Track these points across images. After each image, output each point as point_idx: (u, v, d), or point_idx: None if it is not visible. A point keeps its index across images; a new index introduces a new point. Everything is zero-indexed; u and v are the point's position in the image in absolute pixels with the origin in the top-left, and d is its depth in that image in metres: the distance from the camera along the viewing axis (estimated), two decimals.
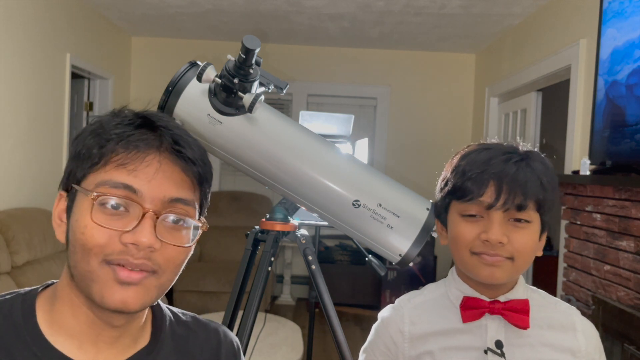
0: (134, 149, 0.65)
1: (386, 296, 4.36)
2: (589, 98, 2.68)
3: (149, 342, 0.74)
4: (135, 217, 0.64)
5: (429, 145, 4.72)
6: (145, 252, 0.64)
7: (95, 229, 0.63)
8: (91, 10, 3.84)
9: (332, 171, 1.19)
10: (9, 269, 2.63)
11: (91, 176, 0.66)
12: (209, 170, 0.72)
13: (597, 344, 0.94)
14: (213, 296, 3.95)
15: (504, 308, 0.88)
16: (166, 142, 0.67)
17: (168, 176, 0.66)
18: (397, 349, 0.95)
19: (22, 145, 3.06)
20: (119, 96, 4.42)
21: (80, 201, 0.65)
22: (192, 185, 0.70)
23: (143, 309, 0.68)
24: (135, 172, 0.64)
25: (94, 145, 0.66)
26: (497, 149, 0.89)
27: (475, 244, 0.86)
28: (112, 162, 0.65)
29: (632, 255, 2.11)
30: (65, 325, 0.68)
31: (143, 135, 0.66)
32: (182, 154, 0.68)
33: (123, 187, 0.64)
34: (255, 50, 1.04)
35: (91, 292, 0.64)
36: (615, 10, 2.33)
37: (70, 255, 0.66)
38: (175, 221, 0.67)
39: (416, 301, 0.97)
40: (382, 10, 3.60)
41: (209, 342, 0.80)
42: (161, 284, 0.67)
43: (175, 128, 0.69)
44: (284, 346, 2.69)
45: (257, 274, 1.34)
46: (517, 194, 0.83)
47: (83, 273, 0.64)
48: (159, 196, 0.65)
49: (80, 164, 0.67)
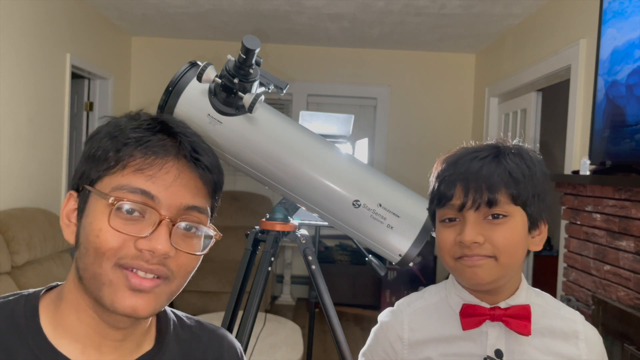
0: (152, 155, 0.65)
1: (386, 296, 4.35)
2: (589, 98, 2.67)
3: (153, 347, 0.73)
4: (151, 223, 0.64)
5: (429, 145, 4.71)
6: (160, 258, 0.64)
7: (110, 233, 0.62)
8: (91, 10, 3.84)
9: (332, 171, 1.19)
10: (9, 269, 2.63)
11: (107, 179, 0.65)
12: (222, 178, 0.73)
13: (600, 352, 0.91)
14: (213, 296, 3.95)
15: (504, 315, 0.86)
16: (184, 149, 0.67)
17: (185, 184, 0.66)
18: (396, 354, 0.94)
19: (22, 145, 3.06)
20: (119, 96, 4.42)
21: (94, 203, 0.65)
22: (207, 193, 0.70)
23: (152, 316, 0.68)
24: (154, 178, 0.64)
25: (111, 147, 0.65)
26: (467, 149, 0.88)
27: (454, 250, 0.85)
28: (130, 166, 0.64)
29: (632, 255, 2.11)
30: (69, 328, 0.67)
31: (161, 141, 0.66)
32: (200, 162, 0.68)
33: (141, 192, 0.63)
34: (255, 50, 1.04)
35: (101, 296, 0.63)
36: (615, 10, 2.33)
37: (81, 257, 0.65)
38: (188, 228, 0.67)
39: (416, 306, 0.96)
40: (382, 10, 3.60)
41: (212, 347, 0.80)
42: (171, 290, 0.67)
43: (193, 135, 0.69)
44: (284, 346, 2.69)
45: (257, 274, 1.34)
46: (483, 190, 0.82)
47: (94, 276, 0.63)
48: (175, 203, 0.65)
49: (95, 166, 0.66)
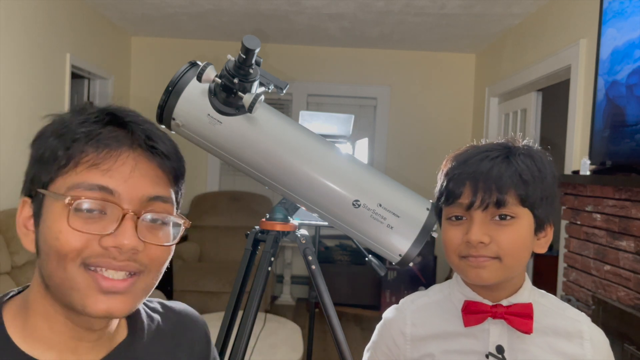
0: (105, 148, 0.61)
1: (386, 296, 4.35)
2: (589, 98, 2.67)
3: (127, 336, 0.71)
4: (114, 219, 0.61)
5: (429, 145, 4.71)
6: (128, 254, 0.61)
7: (71, 233, 0.59)
8: (91, 10, 3.84)
9: (332, 171, 1.19)
10: (9, 269, 2.63)
11: (60, 179, 0.62)
12: (183, 165, 0.69)
13: (607, 353, 0.90)
14: (213, 296, 3.95)
15: (506, 312, 0.86)
16: (139, 138, 0.64)
17: (144, 174, 0.63)
18: (399, 350, 0.94)
19: (22, 145, 3.05)
20: (119, 96, 4.42)
21: (50, 206, 0.61)
22: (169, 181, 0.67)
23: (130, 314, 0.65)
24: (110, 172, 0.61)
25: (59, 146, 0.62)
26: (478, 148, 0.88)
27: (461, 248, 0.85)
28: (83, 163, 0.61)
29: (632, 255, 2.11)
30: (42, 338, 0.64)
31: (113, 132, 0.63)
32: (156, 149, 0.65)
33: (98, 188, 0.60)
34: (255, 50, 1.04)
35: (71, 301, 0.60)
36: (615, 10, 2.33)
37: (43, 264, 0.62)
38: (154, 220, 0.64)
39: (419, 303, 0.97)
40: (382, 10, 3.60)
41: (181, 325, 0.79)
42: (147, 284, 0.64)
43: (145, 123, 0.66)
44: (284, 346, 2.69)
45: (257, 274, 1.34)
46: (493, 191, 0.81)
47: (60, 282, 0.60)
48: (137, 195, 0.62)
49: (44, 168, 0.62)
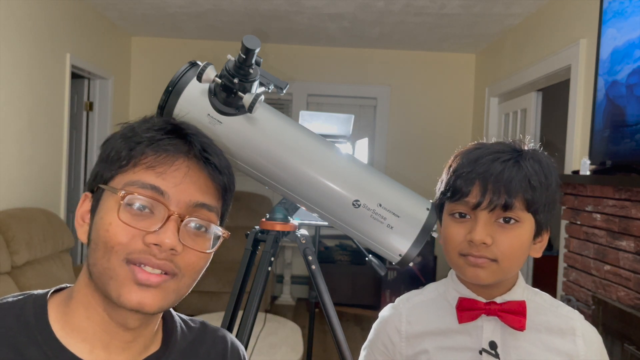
0: (163, 153, 0.66)
1: (386, 296, 4.36)
2: (589, 98, 2.67)
3: (159, 348, 0.74)
4: (160, 218, 0.65)
5: (429, 145, 4.72)
6: (167, 253, 0.64)
7: (119, 226, 0.64)
8: (91, 10, 3.84)
9: (332, 171, 1.19)
10: (9, 269, 2.63)
11: (119, 177, 0.67)
12: (233, 181, 0.74)
13: (599, 350, 0.91)
14: (213, 296, 3.95)
15: (500, 309, 0.88)
16: (195, 148, 0.69)
17: (195, 181, 0.68)
18: (395, 347, 0.96)
19: (22, 145, 3.06)
20: (119, 96, 4.42)
21: (106, 200, 0.66)
22: (217, 193, 0.71)
23: (160, 312, 0.68)
24: (164, 175, 0.66)
25: (124, 147, 0.67)
26: (488, 148, 0.88)
27: (462, 246, 0.86)
28: (141, 164, 0.66)
29: (632, 255, 2.11)
30: (78, 327, 0.68)
31: (173, 140, 0.68)
32: (209, 161, 0.69)
33: (151, 188, 0.65)
34: (255, 50, 1.04)
35: (108, 290, 0.64)
36: (615, 10, 2.33)
37: (91, 252, 0.66)
38: (198, 227, 0.68)
39: (415, 300, 0.98)
40: (382, 10, 3.60)
41: (216, 348, 0.80)
42: (179, 288, 0.68)
43: (204, 137, 0.72)
44: (284, 346, 2.69)
45: (257, 274, 1.34)
46: (502, 193, 0.82)
47: (102, 270, 0.64)
48: (184, 200, 0.67)
49: (108, 166, 0.68)
